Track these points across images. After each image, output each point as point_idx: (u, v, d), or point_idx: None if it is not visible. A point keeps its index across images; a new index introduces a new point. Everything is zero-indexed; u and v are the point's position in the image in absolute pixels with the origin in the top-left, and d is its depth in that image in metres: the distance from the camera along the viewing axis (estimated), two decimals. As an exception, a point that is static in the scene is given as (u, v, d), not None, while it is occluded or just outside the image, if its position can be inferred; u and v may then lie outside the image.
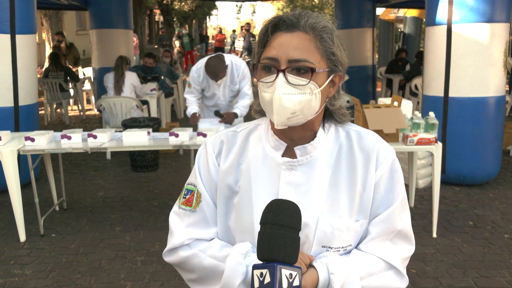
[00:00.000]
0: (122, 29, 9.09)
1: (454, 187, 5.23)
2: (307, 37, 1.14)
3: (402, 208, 1.24)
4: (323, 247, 1.20)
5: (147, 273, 3.49)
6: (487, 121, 5.04)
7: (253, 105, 1.33)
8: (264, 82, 1.15)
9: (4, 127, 4.61)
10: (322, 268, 1.15)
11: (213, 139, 1.33)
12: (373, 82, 9.58)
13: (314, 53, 1.13)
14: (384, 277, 1.22)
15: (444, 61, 4.97)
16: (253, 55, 1.24)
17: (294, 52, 1.12)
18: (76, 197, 5.10)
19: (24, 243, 3.99)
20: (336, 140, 1.25)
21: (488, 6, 4.77)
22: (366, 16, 9.19)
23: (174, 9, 26.90)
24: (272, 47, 1.15)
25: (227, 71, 4.55)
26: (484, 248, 3.86)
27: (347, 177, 1.22)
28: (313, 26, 1.14)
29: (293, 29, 1.14)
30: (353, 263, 1.18)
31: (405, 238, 1.26)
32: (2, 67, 4.89)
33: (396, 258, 1.23)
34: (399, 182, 1.24)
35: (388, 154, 1.24)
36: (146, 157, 5.92)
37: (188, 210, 1.30)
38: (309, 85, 1.13)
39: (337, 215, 1.20)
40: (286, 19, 1.15)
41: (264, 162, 1.25)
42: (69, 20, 21.69)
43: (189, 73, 4.88)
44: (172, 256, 1.31)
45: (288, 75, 1.12)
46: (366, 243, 1.23)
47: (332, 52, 1.16)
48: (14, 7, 4.83)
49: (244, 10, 74.71)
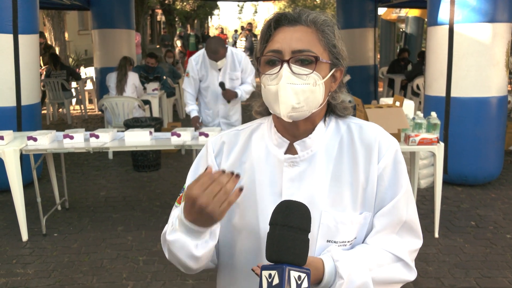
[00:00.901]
0: (124, 29, 9.11)
1: (456, 187, 5.23)
2: (309, 30, 1.17)
3: (406, 199, 1.23)
4: (327, 241, 1.19)
5: (149, 273, 3.50)
6: (489, 121, 5.04)
7: (254, 105, 1.33)
8: (269, 74, 1.16)
9: (7, 126, 4.61)
10: (327, 258, 1.14)
11: (214, 139, 1.34)
12: (374, 82, 9.58)
13: (317, 44, 1.16)
14: (393, 269, 1.21)
15: (446, 61, 4.96)
16: (256, 52, 1.25)
17: (297, 43, 1.14)
18: (78, 196, 5.11)
19: (26, 243, 4.00)
20: (337, 133, 1.25)
21: (490, 6, 4.77)
22: (368, 16, 9.20)
23: (176, 9, 26.89)
24: (275, 41, 1.17)
25: (227, 57, 4.47)
26: (486, 249, 3.86)
27: (349, 170, 1.21)
28: (315, 20, 1.17)
29: (295, 23, 1.17)
30: (360, 254, 1.17)
31: (411, 230, 1.26)
32: (4, 67, 4.91)
33: (403, 250, 1.22)
34: (403, 173, 1.23)
35: (391, 145, 1.23)
36: (148, 157, 5.92)
37: (177, 206, 1.29)
38: (312, 75, 1.14)
39: (340, 208, 1.19)
40: (288, 15, 1.18)
41: (267, 160, 1.25)
42: (71, 20, 21.68)
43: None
44: (163, 242, 1.26)
45: (292, 65, 1.14)
46: (371, 237, 1.22)
47: (334, 45, 1.18)
48: (16, 7, 4.84)
49: (246, 10, 74.65)
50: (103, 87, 8.58)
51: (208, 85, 4.61)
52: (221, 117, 4.73)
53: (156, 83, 7.67)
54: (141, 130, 4.20)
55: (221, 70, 4.53)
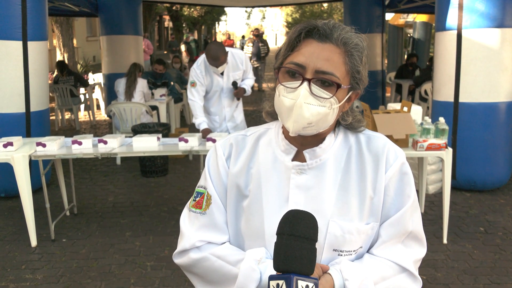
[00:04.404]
0: (132, 35, 9.16)
1: (464, 193, 5.20)
2: (338, 50, 1.13)
3: (412, 210, 1.24)
4: (334, 250, 1.20)
5: (157, 278, 3.50)
6: (497, 127, 5.01)
7: (265, 106, 1.31)
8: (287, 86, 1.14)
9: (16, 132, 4.65)
10: (337, 274, 1.15)
11: (222, 142, 1.33)
12: (382, 88, 9.56)
13: (341, 68, 1.13)
14: (397, 280, 1.22)
15: (454, 66, 4.95)
16: (278, 56, 1.21)
17: (323, 63, 1.11)
18: (86, 202, 5.13)
19: (35, 248, 4.02)
20: (345, 143, 1.25)
21: (499, 11, 4.75)
22: (376, 21, 9.19)
23: (183, 15, 27.03)
24: (301, 53, 1.14)
25: (228, 59, 4.49)
26: (495, 255, 3.83)
27: (357, 180, 1.22)
28: (346, 41, 1.13)
29: (325, 39, 1.13)
30: (366, 268, 1.18)
31: (417, 240, 1.26)
32: (14, 73, 4.95)
33: (408, 260, 1.23)
34: (410, 184, 1.23)
35: (398, 156, 1.23)
36: (156, 163, 5.94)
37: (198, 212, 1.29)
38: (330, 100, 1.13)
39: (347, 218, 1.20)
40: (320, 28, 1.14)
41: (274, 166, 1.25)
42: (80, 26, 21.86)
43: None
44: (182, 258, 1.30)
45: (312, 85, 1.12)
46: (378, 247, 1.23)
47: (358, 71, 1.16)
48: (26, 14, 4.89)
49: (254, 16, 74.80)
50: (110, 93, 8.63)
51: (214, 90, 4.64)
52: (227, 120, 4.77)
53: (163, 89, 7.72)
54: (149, 135, 4.22)
55: (224, 73, 4.56)
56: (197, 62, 4.61)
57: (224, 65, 4.45)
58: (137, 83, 6.80)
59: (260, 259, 1.18)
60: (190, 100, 4.58)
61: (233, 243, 1.29)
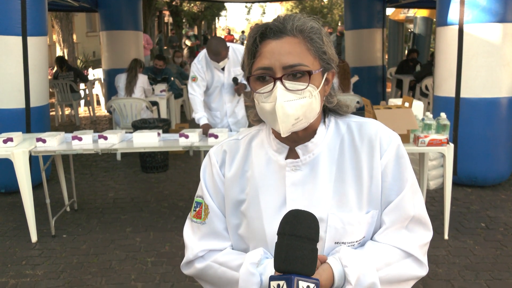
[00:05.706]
0: (132, 31, 9.13)
1: (466, 189, 5.19)
2: (297, 40, 1.12)
3: (412, 193, 1.22)
4: (336, 243, 1.19)
5: (158, 274, 3.50)
6: (499, 122, 5.00)
7: (250, 115, 1.31)
8: (261, 92, 1.14)
9: (16, 128, 4.64)
10: (336, 262, 1.13)
11: (215, 149, 1.33)
12: (383, 83, 9.54)
13: (307, 55, 1.13)
14: (402, 266, 1.20)
15: (455, 61, 4.93)
16: (244, 67, 1.21)
17: (287, 57, 1.11)
18: (86, 198, 5.13)
19: (35, 244, 4.01)
20: (337, 134, 1.24)
21: (500, 6, 4.73)
22: (376, 16, 9.16)
23: (183, 11, 26.96)
24: (263, 56, 1.13)
25: (229, 54, 4.46)
26: (496, 250, 3.82)
27: (352, 170, 1.20)
28: (301, 28, 1.13)
29: (280, 35, 1.12)
30: (368, 254, 1.17)
31: (420, 223, 1.24)
32: (13, 69, 4.93)
33: (413, 245, 1.21)
34: (407, 167, 1.21)
35: (392, 140, 1.22)
36: (156, 158, 5.93)
37: (198, 222, 1.31)
38: (308, 88, 1.12)
39: (346, 209, 1.19)
40: (272, 26, 1.13)
41: (268, 167, 1.24)
42: (80, 21, 21.79)
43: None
44: (190, 269, 1.33)
45: (285, 81, 1.11)
46: (381, 234, 1.22)
47: (324, 51, 1.15)
48: (25, 9, 4.87)
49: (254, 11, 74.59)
50: (110, 88, 8.61)
51: (215, 85, 4.62)
52: (229, 116, 4.76)
53: (164, 85, 7.70)
54: (149, 131, 4.21)
55: (225, 68, 4.54)
56: (198, 57, 4.59)
57: (225, 60, 4.42)
58: (137, 78, 6.80)
59: (259, 261, 1.17)
60: (191, 94, 4.55)
61: (237, 249, 1.29)
